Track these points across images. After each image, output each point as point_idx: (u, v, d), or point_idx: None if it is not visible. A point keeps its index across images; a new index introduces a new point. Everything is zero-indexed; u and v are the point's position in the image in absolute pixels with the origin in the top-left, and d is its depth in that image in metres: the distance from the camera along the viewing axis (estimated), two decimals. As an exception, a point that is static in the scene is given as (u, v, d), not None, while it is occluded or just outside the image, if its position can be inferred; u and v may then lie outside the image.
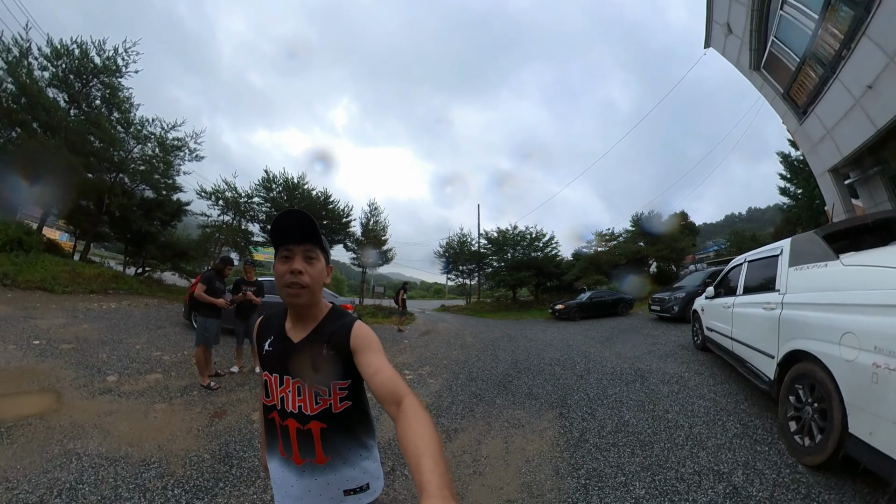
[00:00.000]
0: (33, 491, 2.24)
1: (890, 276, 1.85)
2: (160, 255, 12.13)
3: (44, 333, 5.35)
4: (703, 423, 3.13)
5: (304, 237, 0.89)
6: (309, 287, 0.89)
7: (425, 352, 7.24)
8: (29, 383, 3.83)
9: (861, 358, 1.88)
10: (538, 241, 20.22)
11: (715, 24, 8.59)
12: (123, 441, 2.97)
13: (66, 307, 7.03)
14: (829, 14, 5.97)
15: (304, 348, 0.92)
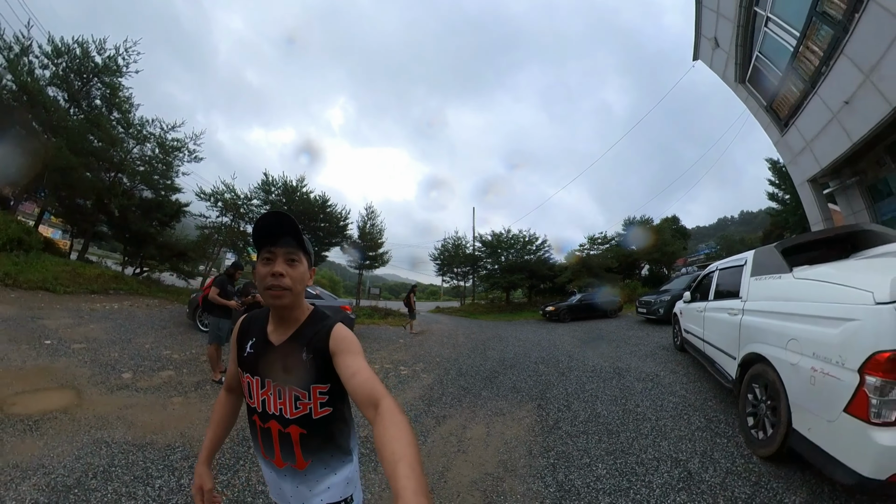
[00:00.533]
0: (69, 475, 2.43)
1: (827, 291, 2.03)
2: (159, 255, 12.03)
3: (53, 333, 5.42)
4: (670, 417, 3.37)
5: (285, 240, 0.89)
6: (290, 289, 0.88)
7: (419, 350, 7.52)
8: (47, 381, 3.93)
9: (802, 362, 2.06)
10: (531, 244, 20.54)
11: (703, 38, 8.89)
12: (147, 430, 3.18)
13: (70, 307, 7.06)
14: (809, 32, 6.26)
15: (283, 351, 0.91)
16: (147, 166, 11.72)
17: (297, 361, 0.89)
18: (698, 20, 8.86)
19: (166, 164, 11.88)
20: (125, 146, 11.24)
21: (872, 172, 6.59)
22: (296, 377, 0.89)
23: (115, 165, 11.11)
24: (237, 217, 14.21)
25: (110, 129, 10.85)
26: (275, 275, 0.87)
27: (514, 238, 20.70)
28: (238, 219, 14.26)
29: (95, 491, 2.25)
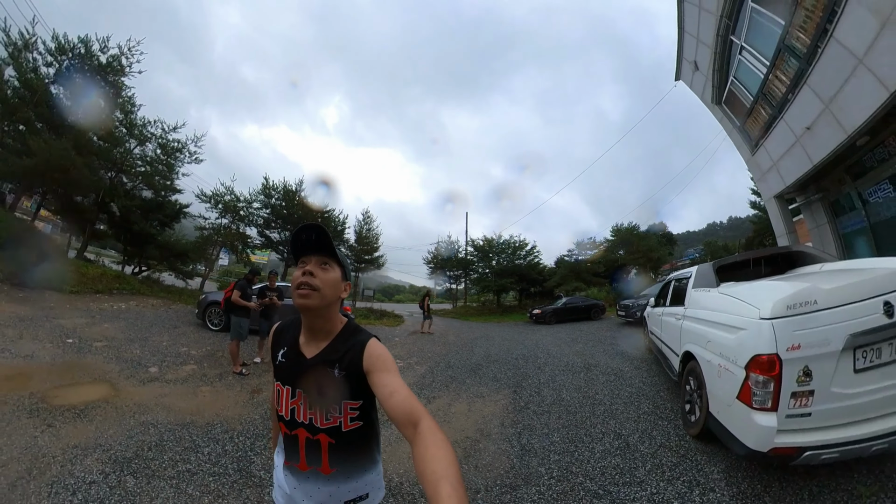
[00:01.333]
0: (126, 450, 2.78)
1: (734, 305, 2.42)
2: (159, 255, 11.97)
3: (73, 332, 5.59)
4: (623, 403, 3.93)
5: (319, 248, 0.91)
6: (319, 291, 0.88)
7: (413, 347, 8.14)
8: (81, 376, 4.15)
9: (713, 359, 2.51)
10: (521, 249, 21.11)
11: (684, 61, 9.45)
12: (185, 413, 3.57)
13: (79, 307, 7.18)
14: (778, 62, 6.79)
15: (316, 367, 0.91)
16: (148, 167, 11.71)
17: (329, 379, 0.89)
18: (680, 44, 9.43)
19: (168, 166, 11.89)
20: (127, 146, 11.19)
21: (834, 190, 7.18)
22: (327, 394, 0.88)
23: (116, 165, 11.06)
24: (236, 219, 14.28)
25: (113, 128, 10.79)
26: (305, 273, 0.88)
27: (506, 243, 21.27)
28: (237, 221, 14.32)
29: (153, 460, 2.63)
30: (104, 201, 11.14)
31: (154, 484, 2.37)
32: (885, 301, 1.85)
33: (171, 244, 12.06)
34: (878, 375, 1.87)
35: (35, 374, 3.96)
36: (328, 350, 0.93)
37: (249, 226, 15.27)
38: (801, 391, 1.87)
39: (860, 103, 5.35)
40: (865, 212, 6.71)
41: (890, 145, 6.01)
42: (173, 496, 2.26)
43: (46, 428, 2.90)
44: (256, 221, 15.39)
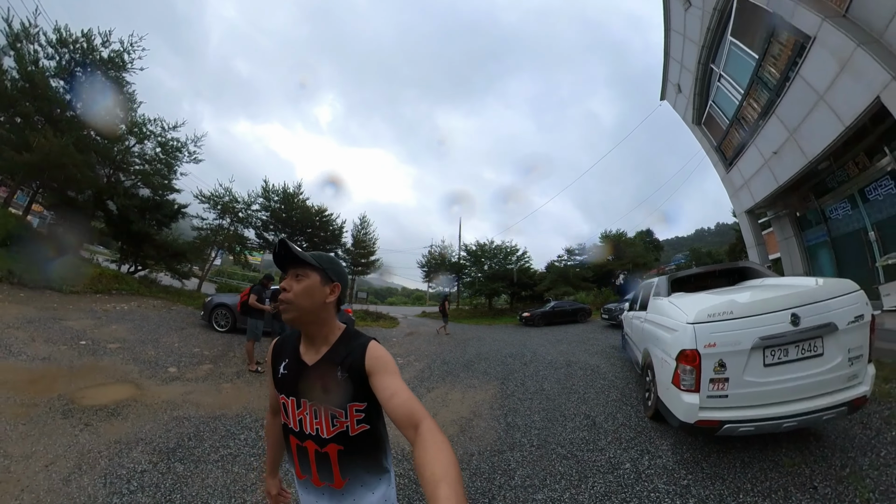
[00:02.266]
0: (168, 442, 2.96)
1: (674, 312, 2.95)
2: (156, 255, 11.69)
3: (83, 334, 5.55)
4: (595, 392, 4.53)
5: (289, 261, 0.93)
6: (293, 303, 0.89)
7: (410, 347, 8.74)
8: (103, 377, 4.17)
9: (659, 354, 3.05)
10: (512, 254, 21.57)
11: (669, 83, 10.16)
12: (214, 407, 3.77)
13: (82, 308, 7.06)
14: (751, 92, 7.47)
15: (318, 371, 0.90)
16: (147, 165, 11.45)
17: (332, 381, 0.88)
18: (665, 68, 10.14)
19: (167, 165, 11.68)
20: (127, 143, 10.92)
21: (800, 206, 7.92)
22: (332, 396, 0.88)
23: (115, 163, 10.75)
24: (235, 221, 14.10)
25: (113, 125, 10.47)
26: (282, 290, 0.91)
27: (498, 248, 21.64)
28: (236, 223, 14.16)
29: (194, 448, 2.84)
30: (101, 199, 10.79)
31: (202, 467, 2.56)
32: (793, 313, 2.25)
33: (168, 244, 11.82)
34: (785, 370, 2.28)
35: (57, 376, 3.97)
36: (329, 355, 0.93)
37: (248, 227, 15.16)
38: (718, 378, 2.31)
39: (820, 134, 6.01)
40: (827, 227, 7.50)
41: (849, 169, 6.72)
42: (222, 475, 2.48)
43: (84, 427, 2.98)
44: (254, 223, 15.30)
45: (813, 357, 2.25)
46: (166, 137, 11.38)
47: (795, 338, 2.25)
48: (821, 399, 2.22)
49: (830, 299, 2.30)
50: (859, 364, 2.26)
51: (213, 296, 8.41)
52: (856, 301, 2.32)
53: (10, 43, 8.93)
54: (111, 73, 10.40)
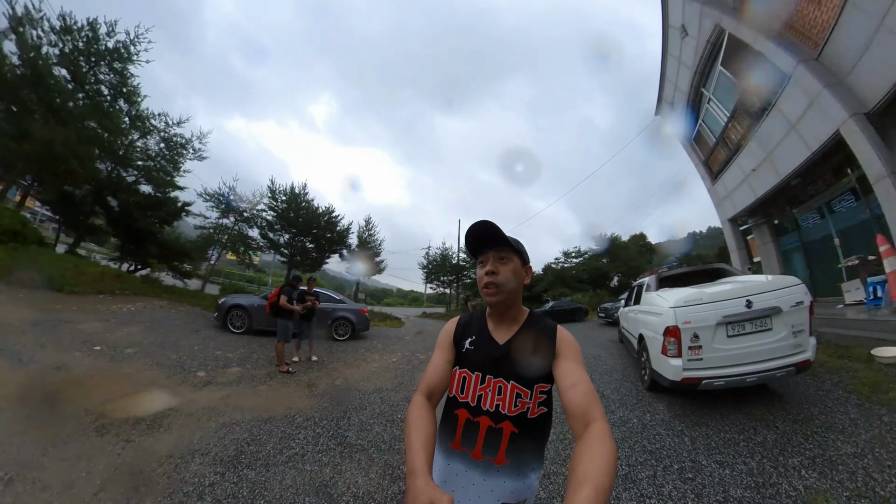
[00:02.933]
0: (225, 450, 2.69)
1: (659, 301, 3.72)
2: (159, 254, 11.09)
3: (95, 338, 5.13)
4: (599, 374, 5.05)
5: (493, 242, 0.91)
6: (503, 285, 0.90)
7: (422, 344, 9.07)
8: (129, 385, 3.80)
9: (650, 334, 3.78)
10: None
11: (664, 101, 11.14)
12: (258, 411, 3.51)
13: (88, 310, 6.55)
14: (735, 116, 8.46)
15: (509, 349, 0.91)
16: (151, 161, 10.84)
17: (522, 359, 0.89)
18: (661, 87, 11.08)
19: (172, 162, 11.14)
20: (130, 137, 10.33)
21: (777, 215, 8.97)
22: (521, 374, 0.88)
23: (117, 157, 10.08)
24: (240, 220, 13.68)
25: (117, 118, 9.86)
26: (488, 273, 0.90)
27: None
28: (240, 222, 13.73)
29: (257, 452, 2.65)
30: (101, 194, 10.06)
31: (273, 470, 2.41)
32: (747, 299, 3.06)
33: (171, 243, 11.29)
34: (744, 340, 3.06)
35: (78, 387, 3.53)
36: (520, 334, 0.94)
37: (252, 227, 14.71)
38: (694, 346, 3.09)
39: (791, 157, 7.01)
40: (799, 234, 8.35)
41: (818, 185, 7.77)
42: (297, 475, 2.37)
43: (126, 444, 2.63)
44: (259, 223, 14.90)
45: (764, 331, 3.02)
46: (169, 133, 10.88)
47: (750, 317, 3.04)
48: (773, 361, 2.96)
49: (776, 290, 3.08)
50: (802, 336, 2.98)
51: (226, 297, 8.07)
52: (797, 291, 3.06)
53: (13, 26, 8.28)
54: (116, 64, 9.80)
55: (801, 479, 2.15)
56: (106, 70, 9.93)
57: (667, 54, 9.85)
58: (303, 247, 16.28)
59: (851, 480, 2.08)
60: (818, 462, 2.30)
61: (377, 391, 4.45)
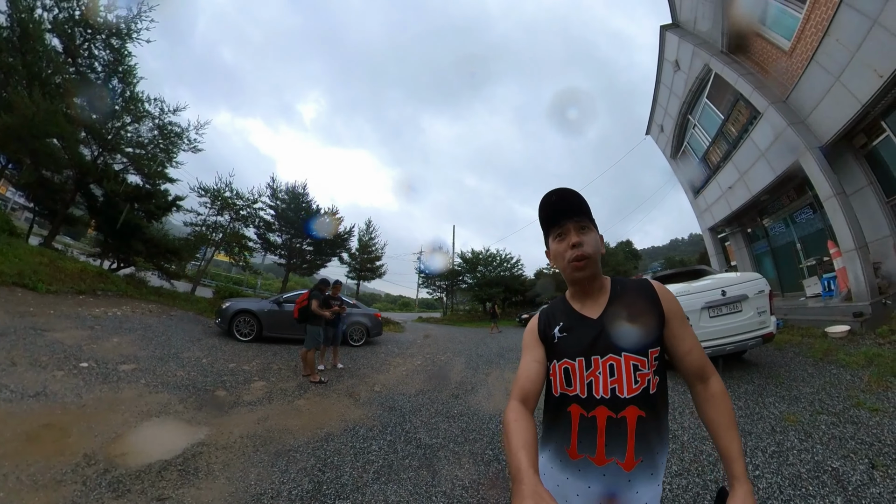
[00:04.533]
0: (298, 485, 2.22)
1: None
2: (146, 252, 9.94)
3: (80, 352, 4.16)
4: None
5: (573, 211, 0.84)
6: (591, 257, 0.82)
7: (436, 347, 9.51)
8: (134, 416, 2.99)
9: None
10: (507, 262, 23.18)
11: (654, 123, 13.01)
12: (310, 429, 3.08)
13: (66, 313, 5.52)
14: (716, 141, 10.24)
15: (609, 320, 0.82)
16: (142, 149, 9.79)
17: (628, 324, 0.80)
18: (653, 110, 12.77)
19: (165, 151, 10.22)
20: (122, 121, 9.23)
21: (750, 225, 10.90)
22: (632, 341, 0.79)
23: (105, 141, 8.93)
24: (238, 220, 12.95)
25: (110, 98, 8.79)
26: (574, 246, 0.82)
27: (492, 256, 23.09)
28: (236, 220, 12.97)
29: (338, 478, 2.31)
30: (84, 181, 8.76)
31: (369, 490, 2.17)
32: (722, 290, 3.91)
33: (159, 240, 10.23)
34: (722, 320, 3.91)
35: (69, 423, 2.65)
36: (615, 302, 0.85)
37: (248, 226, 13.99)
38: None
39: (760, 178, 8.72)
40: (768, 240, 9.64)
41: (783, 200, 9.62)
42: (397, 487, 2.23)
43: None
44: (256, 223, 14.22)
45: (736, 312, 3.94)
46: (164, 120, 9.98)
47: (725, 302, 3.92)
48: (745, 334, 3.85)
49: (744, 282, 4.03)
50: (765, 315, 3.92)
51: (230, 301, 7.41)
52: (759, 283, 4.02)
53: None
54: (113, 40, 8.79)
55: (776, 408, 3.05)
56: (102, 45, 8.84)
57: (660, 83, 11.53)
58: (300, 249, 15.82)
59: (811, 406, 3.00)
60: (786, 399, 3.21)
61: (420, 393, 4.43)
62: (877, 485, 1.96)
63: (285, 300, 7.35)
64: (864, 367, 3.62)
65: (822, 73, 5.78)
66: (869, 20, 4.69)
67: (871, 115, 5.38)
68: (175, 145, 10.72)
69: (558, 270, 0.89)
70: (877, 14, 4.57)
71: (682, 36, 9.08)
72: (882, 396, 2.96)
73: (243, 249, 13.54)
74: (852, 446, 2.37)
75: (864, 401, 2.93)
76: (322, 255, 16.01)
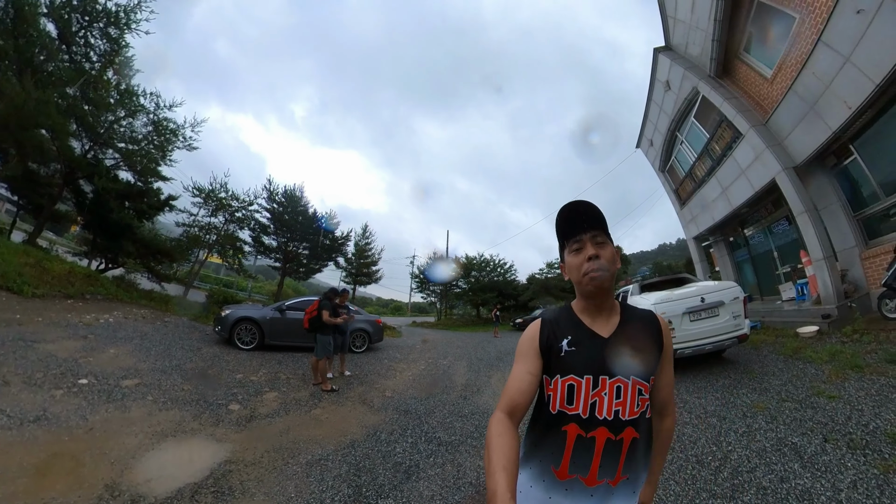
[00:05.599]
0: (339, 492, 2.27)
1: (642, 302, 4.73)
2: (136, 252, 9.43)
3: (76, 366, 3.86)
4: None
5: (590, 224, 0.83)
6: (608, 270, 0.81)
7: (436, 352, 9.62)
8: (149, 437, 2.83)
9: None
10: (500, 267, 23.49)
11: (644, 137, 13.66)
12: (332, 437, 3.11)
13: (56, 320, 5.14)
14: (701, 157, 10.88)
15: (621, 341, 0.82)
16: (135, 145, 9.36)
17: (639, 349, 0.81)
18: (643, 126, 13.40)
19: (159, 148, 9.77)
20: (116, 114, 8.79)
21: (732, 234, 11.64)
22: (640, 367, 0.80)
23: (97, 135, 8.47)
24: (230, 220, 12.49)
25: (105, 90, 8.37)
26: (590, 258, 0.80)
27: (486, 261, 23.41)
28: (231, 222, 12.56)
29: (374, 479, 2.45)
30: (73, 176, 8.26)
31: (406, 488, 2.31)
32: (702, 297, 4.33)
33: (151, 240, 9.80)
34: (702, 323, 4.32)
35: (78, 450, 2.46)
36: (627, 325, 0.85)
37: (243, 228, 13.56)
38: (671, 329, 3.94)
39: (740, 193, 9.36)
40: (748, 249, 10.33)
41: (761, 213, 10.32)
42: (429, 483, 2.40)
43: None
44: (251, 225, 13.80)
45: (714, 317, 4.36)
46: (159, 116, 9.59)
47: (704, 308, 4.34)
48: (722, 336, 4.28)
49: (721, 290, 4.45)
50: (740, 319, 4.33)
51: (230, 308, 7.13)
52: (734, 290, 4.44)
53: None
54: (111, 29, 8.39)
55: (748, 398, 3.43)
56: (99, 34, 8.42)
57: (651, 101, 12.15)
58: (296, 253, 15.54)
59: (777, 395, 3.36)
60: (757, 390, 3.60)
61: (430, 396, 4.52)
62: (827, 454, 2.37)
63: (288, 307, 7.20)
64: (826, 362, 4.02)
65: (799, 101, 6.35)
66: (842, 58, 5.20)
67: (840, 139, 5.96)
68: (170, 142, 10.32)
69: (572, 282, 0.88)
70: (849, 53, 5.08)
71: (673, 59, 9.65)
72: (839, 386, 3.37)
73: (237, 252, 13.14)
74: (810, 426, 2.76)
75: (824, 390, 3.33)
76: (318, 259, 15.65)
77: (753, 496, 2.06)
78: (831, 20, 5.15)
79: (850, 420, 2.73)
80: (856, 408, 2.90)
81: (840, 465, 2.23)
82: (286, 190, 14.54)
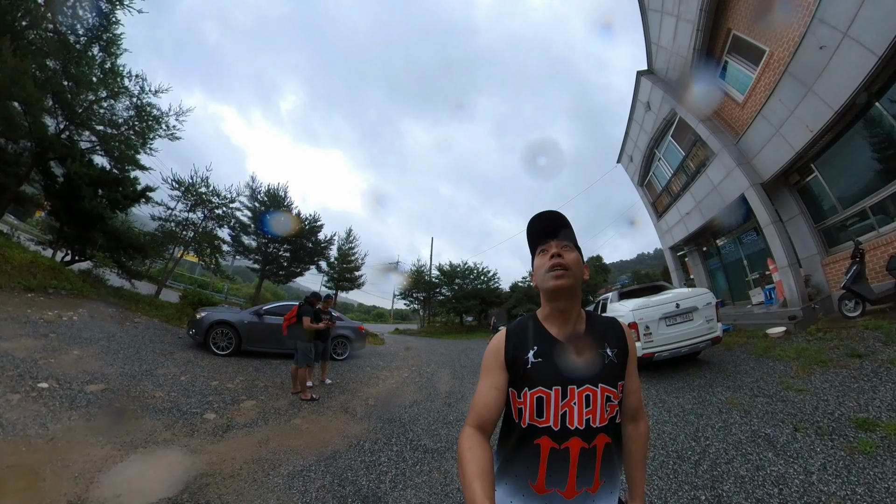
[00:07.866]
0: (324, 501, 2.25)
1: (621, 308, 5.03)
2: (106, 245, 8.71)
3: (35, 368, 3.54)
4: None
5: (556, 232, 0.85)
6: (571, 270, 0.81)
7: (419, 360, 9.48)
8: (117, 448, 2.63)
9: None
10: (483, 275, 23.57)
11: (625, 153, 14.41)
12: (313, 448, 3.01)
13: (13, 315, 4.69)
14: (677, 173, 11.59)
15: (589, 349, 0.81)
16: (114, 129, 8.73)
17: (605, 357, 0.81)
18: (624, 143, 14.13)
19: (140, 135, 9.14)
20: (98, 95, 8.16)
21: (705, 244, 12.40)
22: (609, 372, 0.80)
23: (74, 115, 7.86)
24: (209, 217, 11.87)
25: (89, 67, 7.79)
26: (553, 256, 0.82)
27: (469, 269, 23.42)
28: (210, 219, 11.95)
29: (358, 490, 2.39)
30: (44, 157, 7.61)
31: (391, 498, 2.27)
32: (677, 303, 4.60)
33: (123, 233, 9.16)
34: (677, 327, 4.57)
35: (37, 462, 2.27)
36: (591, 332, 0.84)
37: (223, 226, 12.91)
38: (647, 333, 4.52)
39: (713, 206, 10.09)
40: (720, 257, 11.07)
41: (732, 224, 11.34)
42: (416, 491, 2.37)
43: None
44: (232, 223, 13.23)
45: (689, 321, 4.62)
46: (143, 101, 9.03)
47: (679, 313, 4.61)
48: (696, 339, 4.53)
49: (694, 296, 4.73)
50: (712, 323, 4.61)
51: (206, 311, 6.75)
52: (707, 296, 4.74)
53: None
54: (103, 3, 7.92)
55: (723, 395, 3.65)
56: (89, 6, 7.89)
57: (632, 120, 12.86)
58: (277, 255, 14.95)
59: (750, 391, 3.59)
60: (731, 387, 3.84)
61: (414, 404, 4.49)
62: (798, 442, 2.56)
63: (266, 312, 6.92)
64: (794, 359, 4.26)
65: (766, 124, 6.89)
66: (805, 87, 5.71)
67: (803, 158, 6.50)
68: (152, 129, 9.68)
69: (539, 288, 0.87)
70: (811, 84, 5.59)
71: (654, 82, 10.27)
72: (806, 380, 3.60)
73: (215, 251, 12.41)
74: (781, 417, 2.94)
75: (793, 384, 3.55)
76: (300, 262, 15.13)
77: (732, 485, 2.17)
78: (797, 54, 5.67)
79: (817, 410, 2.94)
80: (822, 398, 3.12)
81: (810, 450, 2.40)
82: (269, 189, 13.97)
